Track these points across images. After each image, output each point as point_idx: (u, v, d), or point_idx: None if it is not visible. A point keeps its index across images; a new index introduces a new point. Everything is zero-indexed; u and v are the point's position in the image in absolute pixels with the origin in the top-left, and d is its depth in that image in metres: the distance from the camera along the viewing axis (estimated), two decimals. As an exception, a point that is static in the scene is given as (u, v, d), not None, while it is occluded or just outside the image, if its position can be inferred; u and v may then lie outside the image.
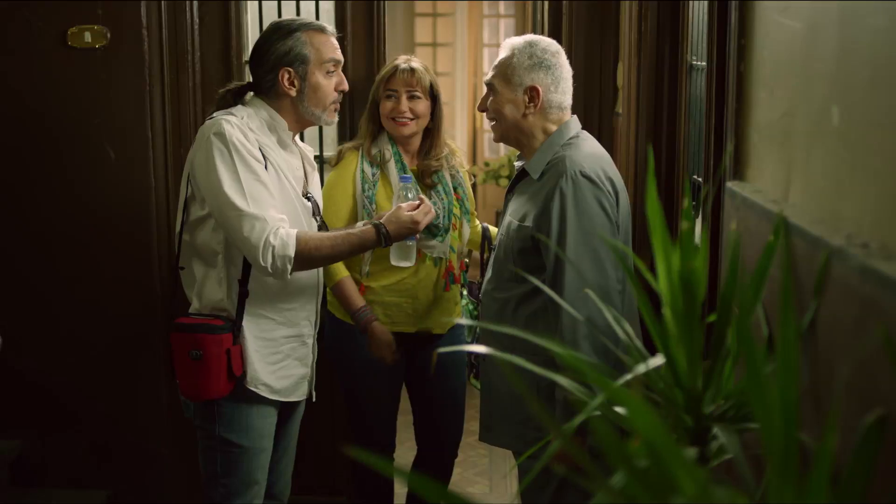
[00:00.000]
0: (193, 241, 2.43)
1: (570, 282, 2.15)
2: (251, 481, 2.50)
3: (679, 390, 1.32)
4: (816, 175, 1.30)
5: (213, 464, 2.49)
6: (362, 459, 0.91)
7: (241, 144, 2.33)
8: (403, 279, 2.90)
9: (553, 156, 2.30)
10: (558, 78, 2.33)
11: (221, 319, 2.41)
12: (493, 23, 7.90)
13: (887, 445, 0.95)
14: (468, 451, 4.37)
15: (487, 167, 6.93)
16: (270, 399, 2.49)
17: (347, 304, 2.89)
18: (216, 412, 2.45)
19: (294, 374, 2.54)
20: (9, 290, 3.36)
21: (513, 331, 1.54)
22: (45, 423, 3.42)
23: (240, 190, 2.30)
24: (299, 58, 2.43)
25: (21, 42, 3.23)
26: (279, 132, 2.48)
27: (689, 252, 1.29)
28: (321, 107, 2.49)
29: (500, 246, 2.38)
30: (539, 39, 2.38)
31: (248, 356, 2.43)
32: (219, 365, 2.38)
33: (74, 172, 3.30)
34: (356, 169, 2.91)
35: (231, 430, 2.46)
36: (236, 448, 2.47)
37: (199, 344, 2.38)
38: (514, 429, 2.34)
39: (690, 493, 0.93)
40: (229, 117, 2.39)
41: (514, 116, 2.34)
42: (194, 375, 2.39)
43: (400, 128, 2.90)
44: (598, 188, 2.20)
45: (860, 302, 1.08)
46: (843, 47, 1.21)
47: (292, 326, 2.52)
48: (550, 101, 2.32)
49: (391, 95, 2.91)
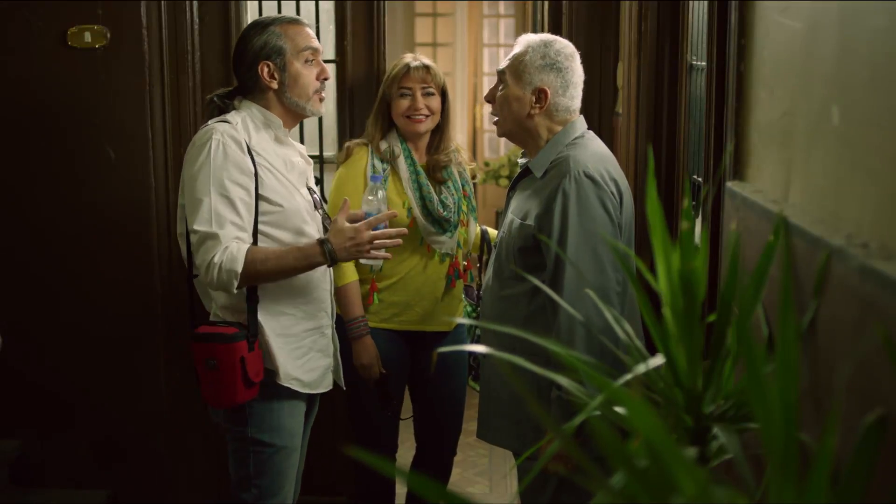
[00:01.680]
0: None
1: (570, 281, 2.15)
2: (284, 480, 2.51)
3: (679, 390, 1.32)
4: (816, 175, 1.30)
5: (245, 466, 2.49)
6: (363, 459, 0.91)
7: (222, 155, 2.35)
8: (413, 276, 2.91)
9: (557, 154, 2.29)
10: (568, 82, 2.32)
11: (236, 327, 2.42)
12: (493, 23, 7.90)
13: (887, 445, 0.95)
14: (468, 451, 4.37)
15: (487, 167, 6.92)
16: (300, 394, 2.51)
17: (346, 310, 2.89)
18: (247, 413, 2.45)
19: (319, 365, 2.56)
20: (9, 289, 3.36)
21: (511, 330, 1.54)
22: (45, 423, 3.42)
23: (205, 206, 2.33)
24: (275, 50, 2.45)
25: (21, 42, 3.23)
26: (274, 129, 2.49)
27: (689, 252, 1.29)
28: (304, 97, 2.49)
29: (502, 244, 2.38)
30: (555, 40, 2.35)
31: (274, 354, 2.44)
32: (233, 373, 2.38)
33: (74, 172, 3.30)
34: (366, 165, 2.91)
35: (263, 430, 2.46)
36: (269, 448, 2.47)
37: (214, 353, 2.38)
38: (513, 428, 2.34)
39: (690, 493, 0.93)
40: (220, 125, 2.40)
41: (518, 114, 2.33)
42: (213, 384, 2.41)
43: (416, 125, 2.91)
44: (602, 189, 2.20)
45: (860, 302, 1.08)
46: (843, 47, 1.21)
47: (311, 319, 2.53)
48: (557, 104, 2.31)
49: (406, 94, 2.91)
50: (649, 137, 2.92)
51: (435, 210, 2.88)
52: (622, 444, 0.97)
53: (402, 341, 2.98)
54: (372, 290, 2.92)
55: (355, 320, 2.88)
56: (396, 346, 2.97)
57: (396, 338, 2.97)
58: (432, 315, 2.95)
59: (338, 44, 3.46)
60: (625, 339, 1.49)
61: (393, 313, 2.93)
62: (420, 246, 2.90)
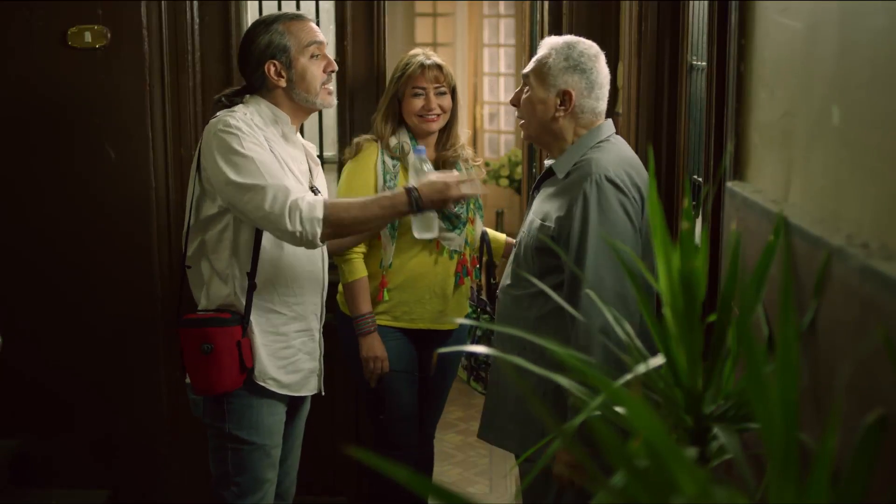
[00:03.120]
0: (204, 239, 2.45)
1: (588, 287, 2.13)
2: (263, 479, 2.51)
3: (679, 390, 1.32)
4: (816, 175, 1.30)
5: (225, 463, 2.50)
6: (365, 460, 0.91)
7: (248, 131, 2.37)
8: (423, 273, 2.92)
9: (581, 157, 2.26)
10: (593, 83, 2.29)
11: (229, 313, 2.42)
12: (493, 23, 7.89)
13: (887, 445, 0.95)
14: (468, 451, 4.37)
15: (487, 167, 6.92)
16: (279, 395, 2.50)
17: (354, 306, 2.90)
18: (226, 409, 2.46)
19: (304, 368, 2.56)
20: (9, 289, 3.36)
21: (517, 332, 1.53)
22: (45, 423, 3.42)
23: (254, 169, 2.31)
24: (280, 48, 2.46)
25: (21, 42, 3.23)
26: (282, 126, 2.50)
27: (689, 252, 1.29)
28: (313, 91, 2.49)
29: (521, 243, 2.36)
30: (578, 41, 2.32)
31: (256, 351, 2.44)
32: (231, 357, 2.39)
33: (75, 172, 3.30)
34: (377, 160, 2.92)
35: (241, 426, 2.46)
36: (247, 445, 2.47)
37: (210, 337, 2.38)
38: (518, 431, 2.33)
39: (690, 493, 0.93)
40: (232, 113, 2.42)
41: (543, 117, 2.30)
42: (206, 369, 2.40)
43: (429, 124, 2.93)
44: (623, 194, 2.17)
45: (860, 302, 1.08)
46: (843, 47, 1.21)
47: (301, 321, 2.53)
48: (583, 106, 2.28)
49: (419, 94, 2.92)
50: (649, 137, 2.92)
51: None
52: (622, 444, 0.97)
53: (410, 341, 2.99)
54: (382, 287, 2.92)
55: (363, 317, 2.89)
56: (406, 347, 2.98)
57: (406, 337, 2.98)
58: (443, 314, 2.96)
59: (338, 44, 3.46)
60: (625, 338, 1.49)
61: (404, 311, 2.94)
62: (429, 243, 2.91)
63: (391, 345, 2.93)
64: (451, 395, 3.30)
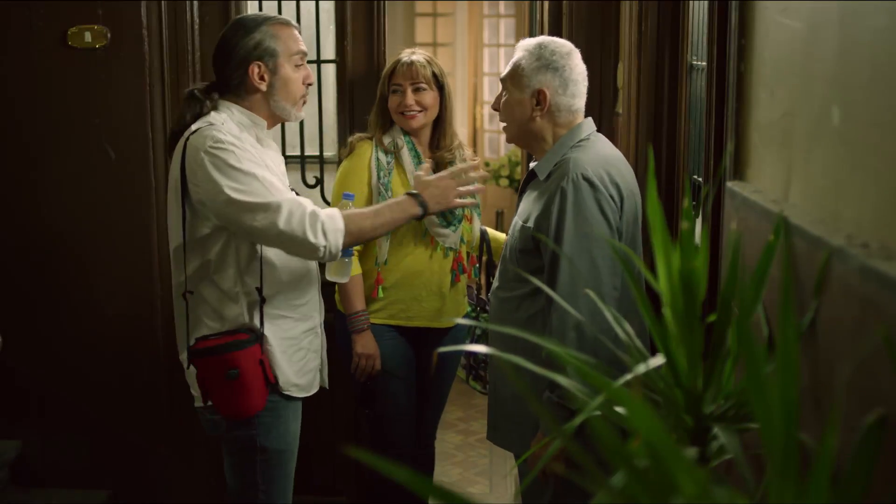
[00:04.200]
0: (205, 260, 2.34)
1: (563, 282, 2.15)
2: (290, 483, 2.50)
3: (679, 390, 1.32)
4: (816, 175, 1.30)
5: (253, 473, 2.44)
6: (362, 459, 0.91)
7: (240, 146, 2.29)
8: (418, 269, 2.93)
9: (561, 157, 2.29)
10: (567, 80, 2.30)
11: (245, 333, 2.36)
12: (493, 23, 7.90)
13: (887, 445, 0.95)
14: (468, 451, 4.37)
15: (487, 167, 6.92)
16: (299, 398, 2.49)
17: (348, 303, 2.91)
18: (255, 423, 2.40)
19: (313, 367, 2.54)
20: (8, 289, 3.36)
21: (511, 330, 1.54)
22: (45, 423, 3.42)
23: (258, 186, 2.24)
24: (268, 51, 2.37)
25: (21, 42, 3.24)
26: (257, 130, 2.42)
27: (689, 252, 1.29)
28: (291, 101, 2.42)
29: (507, 246, 2.39)
30: (550, 41, 2.34)
31: (276, 361, 2.39)
32: (256, 377, 2.34)
33: (75, 172, 3.30)
34: (371, 157, 2.94)
35: (270, 437, 2.42)
36: (277, 453, 2.44)
37: (233, 362, 2.31)
38: (516, 430, 2.34)
39: (690, 493, 0.93)
40: (213, 126, 2.31)
41: (521, 118, 2.33)
42: (233, 395, 2.33)
43: (409, 121, 2.94)
44: (599, 192, 2.18)
45: (860, 302, 1.08)
46: (843, 47, 1.21)
47: (307, 320, 2.51)
48: (559, 105, 2.30)
49: (397, 90, 2.94)
50: (649, 137, 2.92)
51: None
52: (622, 444, 0.97)
53: (406, 339, 2.99)
54: (377, 284, 2.92)
55: (357, 314, 2.91)
56: (401, 346, 2.98)
57: (401, 336, 2.98)
58: (440, 312, 2.97)
59: (338, 44, 3.46)
60: (625, 338, 1.49)
61: (400, 309, 2.95)
62: (424, 238, 2.92)
63: (386, 343, 2.94)
64: (451, 395, 3.30)
